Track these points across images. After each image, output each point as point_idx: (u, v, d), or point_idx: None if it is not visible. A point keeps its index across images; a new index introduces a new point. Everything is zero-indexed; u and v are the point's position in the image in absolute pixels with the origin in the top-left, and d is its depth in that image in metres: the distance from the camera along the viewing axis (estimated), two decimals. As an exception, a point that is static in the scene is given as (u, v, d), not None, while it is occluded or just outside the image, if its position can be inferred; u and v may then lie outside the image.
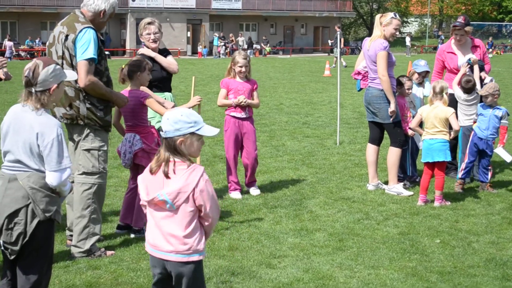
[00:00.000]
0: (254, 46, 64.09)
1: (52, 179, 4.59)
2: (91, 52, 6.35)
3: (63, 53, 6.49)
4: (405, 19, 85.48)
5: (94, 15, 6.63)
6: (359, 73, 9.53)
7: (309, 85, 26.65)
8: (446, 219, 8.03)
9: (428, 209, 8.43)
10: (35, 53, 53.39)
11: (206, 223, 4.27)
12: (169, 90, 8.52)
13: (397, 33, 9.12)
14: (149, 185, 4.28)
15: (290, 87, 25.99)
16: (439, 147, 8.55)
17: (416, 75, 10.10)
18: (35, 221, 4.58)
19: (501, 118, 9.17)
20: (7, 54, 49.82)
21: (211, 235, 4.46)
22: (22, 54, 52.68)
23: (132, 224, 7.42)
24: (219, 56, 58.62)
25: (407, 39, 62.88)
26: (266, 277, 6.16)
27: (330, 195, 9.10)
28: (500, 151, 9.43)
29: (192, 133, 4.21)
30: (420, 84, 10.17)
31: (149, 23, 8.35)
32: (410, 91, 9.60)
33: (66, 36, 6.47)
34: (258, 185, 9.44)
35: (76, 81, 6.37)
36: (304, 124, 15.93)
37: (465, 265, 6.52)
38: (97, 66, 6.51)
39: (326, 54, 64.14)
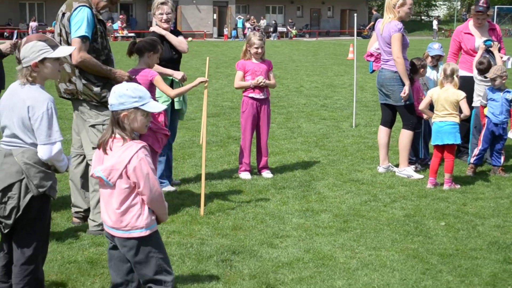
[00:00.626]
0: (279, 29, 64.00)
1: (42, 152, 4.64)
2: (83, 30, 6.42)
3: (60, 30, 6.61)
4: (434, 2, 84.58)
5: None
6: (371, 55, 9.49)
7: (331, 68, 26.55)
8: (454, 202, 8.00)
9: (436, 192, 8.40)
10: (62, 34, 53.77)
11: (145, 201, 4.30)
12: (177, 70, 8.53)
13: (412, 12, 9.14)
14: (94, 160, 4.39)
15: (312, 69, 25.91)
16: (449, 129, 8.50)
17: (429, 58, 10.04)
18: (28, 196, 4.64)
19: (511, 101, 9.10)
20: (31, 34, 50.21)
21: (162, 211, 4.46)
22: (49, 35, 53.03)
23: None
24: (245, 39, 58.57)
25: (434, 23, 62.34)
26: (266, 256, 6.19)
27: (340, 177, 9.10)
28: None
29: (137, 108, 4.24)
30: (435, 67, 10.12)
31: (162, 3, 8.39)
32: (424, 70, 9.56)
33: (63, 14, 6.58)
34: (270, 167, 9.47)
35: (70, 58, 6.46)
36: (322, 106, 15.91)
37: (468, 248, 6.50)
38: (93, 44, 6.56)
39: (353, 37, 63.75)
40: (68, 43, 6.54)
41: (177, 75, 8.07)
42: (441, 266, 6.03)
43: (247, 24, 60.70)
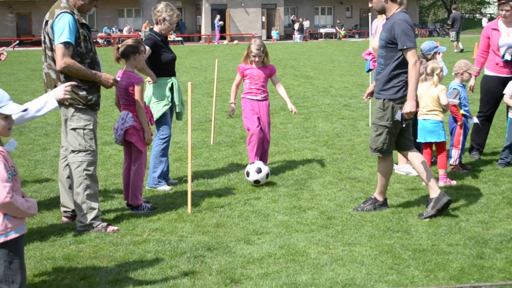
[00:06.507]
0: (329, 30, 64.11)
1: None
2: (65, 36, 6.61)
3: (44, 38, 6.83)
4: (486, 0, 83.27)
5: None
6: (369, 54, 9.53)
7: (368, 68, 26.46)
8: (445, 199, 7.99)
9: (430, 189, 8.40)
10: (112, 40, 54.65)
11: None
12: (174, 74, 8.73)
13: None
14: None
15: (348, 69, 25.91)
16: (432, 128, 8.54)
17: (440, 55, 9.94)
18: None
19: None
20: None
21: (19, 214, 4.39)
22: (100, 41, 53.94)
23: (129, 201, 7.68)
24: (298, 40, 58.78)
25: (484, 20, 61.35)
26: (239, 252, 6.30)
27: (338, 175, 9.15)
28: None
29: None
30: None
31: (178, 16, 8.65)
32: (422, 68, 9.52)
33: (46, 22, 6.80)
34: (272, 166, 9.59)
35: (55, 64, 6.69)
36: (344, 106, 15.93)
37: (444, 243, 6.50)
38: (77, 48, 6.74)
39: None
40: (52, 50, 6.77)
41: (155, 78, 8.38)
42: (410, 261, 6.05)
43: (295, 26, 60.84)
